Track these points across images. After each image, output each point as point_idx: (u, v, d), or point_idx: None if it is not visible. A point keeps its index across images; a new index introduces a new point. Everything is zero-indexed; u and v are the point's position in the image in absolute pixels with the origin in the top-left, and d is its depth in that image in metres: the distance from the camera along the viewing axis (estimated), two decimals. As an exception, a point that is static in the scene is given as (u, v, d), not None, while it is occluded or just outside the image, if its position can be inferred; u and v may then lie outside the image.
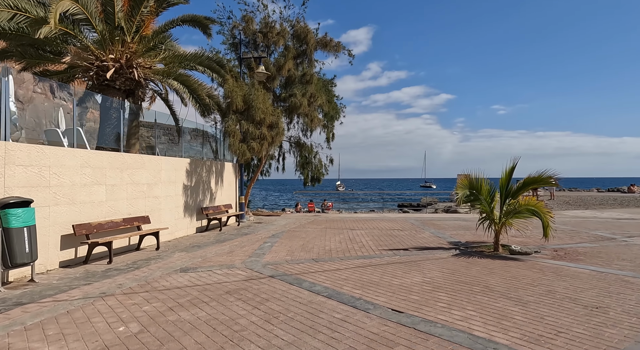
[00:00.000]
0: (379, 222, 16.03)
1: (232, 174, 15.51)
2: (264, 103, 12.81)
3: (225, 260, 8.09)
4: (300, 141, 21.87)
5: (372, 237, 11.65)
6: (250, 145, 11.94)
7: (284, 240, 10.96)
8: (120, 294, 5.71)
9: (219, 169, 14.23)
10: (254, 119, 12.40)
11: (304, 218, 17.71)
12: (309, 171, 22.25)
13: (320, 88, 19.06)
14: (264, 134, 12.25)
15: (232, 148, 11.67)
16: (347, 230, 13.35)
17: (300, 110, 16.30)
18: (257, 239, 11.20)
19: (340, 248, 9.66)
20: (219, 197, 14.13)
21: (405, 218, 17.84)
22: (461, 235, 12.01)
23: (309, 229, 13.50)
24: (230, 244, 10.20)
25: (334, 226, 14.43)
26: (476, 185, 9.67)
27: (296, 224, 15.33)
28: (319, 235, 11.89)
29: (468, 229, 13.58)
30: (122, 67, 12.49)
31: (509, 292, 5.78)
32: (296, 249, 9.54)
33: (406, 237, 11.70)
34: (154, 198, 10.16)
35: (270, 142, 12.48)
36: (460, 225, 14.99)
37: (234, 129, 11.80)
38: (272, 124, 12.76)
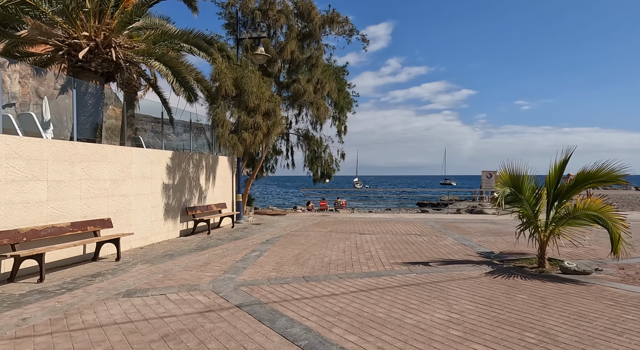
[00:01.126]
0: (394, 224, 14.08)
1: (227, 169, 13.81)
2: (258, 87, 11.01)
3: (191, 278, 6.34)
4: (309, 134, 20.07)
5: (384, 244, 9.74)
6: (241, 137, 10.17)
7: (278, 247, 9.17)
8: (9, 338, 4.00)
9: (211, 163, 12.53)
10: (247, 106, 10.63)
11: (310, 218, 15.91)
12: (319, 167, 20.41)
13: (330, 75, 17.16)
14: (258, 123, 10.47)
15: (220, 140, 9.93)
16: (356, 234, 11.46)
17: (304, 97, 14.45)
18: (246, 245, 9.44)
19: (342, 260, 7.79)
20: (210, 196, 12.45)
21: (424, 219, 15.81)
22: (492, 243, 9.97)
23: (311, 233, 11.68)
24: (210, 253, 8.46)
25: (341, 229, 12.56)
26: (517, 182, 7.65)
27: (299, 226, 13.53)
28: (321, 242, 10.06)
29: (499, 235, 11.49)
30: (98, 47, 10.90)
31: (582, 344, 3.81)
32: (287, 260, 7.73)
33: (425, 244, 9.75)
34: (120, 197, 8.50)
35: (265, 132, 10.69)
36: (488, 229, 12.89)
37: (222, 117, 10.07)
38: (268, 111, 10.97)
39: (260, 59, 13.26)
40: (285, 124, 20.75)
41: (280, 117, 11.03)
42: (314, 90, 15.33)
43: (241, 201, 14.25)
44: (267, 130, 10.75)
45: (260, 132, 10.37)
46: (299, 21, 15.28)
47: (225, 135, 9.91)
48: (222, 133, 9.87)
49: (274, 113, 10.97)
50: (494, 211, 18.53)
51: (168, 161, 10.20)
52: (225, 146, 9.99)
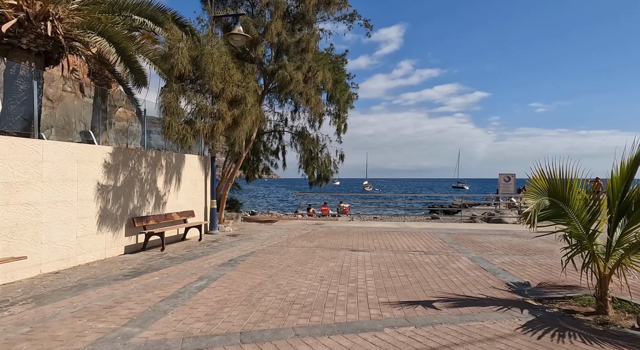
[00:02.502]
0: (397, 236, 11.78)
1: (198, 170, 11.67)
2: (225, 69, 8.86)
3: (67, 337, 4.16)
4: (303, 132, 17.88)
5: (378, 268, 7.47)
6: (195, 127, 7.99)
7: (237, 272, 6.97)
8: None
9: (174, 163, 10.41)
10: (210, 91, 8.49)
11: (300, 227, 13.69)
12: (315, 169, 18.19)
13: (326, 64, 14.95)
14: (220, 111, 8.30)
15: (168, 131, 7.80)
16: (346, 251, 9.21)
17: (291, 87, 12.25)
18: (197, 269, 7.26)
19: (313, 297, 5.56)
20: (172, 202, 10.32)
21: (434, 230, 13.46)
22: (520, 267, 7.63)
23: (292, 249, 9.46)
24: (141, 282, 6.30)
25: (330, 244, 10.31)
26: (561, 190, 5.35)
27: (283, 238, 11.32)
28: (298, 263, 7.84)
29: (527, 253, 9.12)
30: (30, 19, 8.91)
31: None
32: (237, 297, 5.52)
33: (432, 268, 7.45)
34: (22, 206, 6.39)
35: (229, 123, 8.50)
36: (512, 244, 10.51)
37: (173, 102, 7.93)
38: (236, 98, 8.81)
39: (238, 41, 11.10)
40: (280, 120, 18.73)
41: (252, 106, 8.83)
42: (304, 79, 13.12)
43: (216, 208, 12.09)
44: (233, 121, 8.57)
45: (221, 123, 8.18)
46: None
47: (175, 124, 7.76)
48: (169, 122, 7.71)
49: (244, 101, 8.79)
50: (515, 220, 16.07)
51: (107, 159, 8.09)
52: (172, 138, 7.85)
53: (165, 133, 7.85)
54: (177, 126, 7.84)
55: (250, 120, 8.90)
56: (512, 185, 21.51)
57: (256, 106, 9.01)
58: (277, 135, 18.71)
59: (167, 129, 7.80)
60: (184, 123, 8.08)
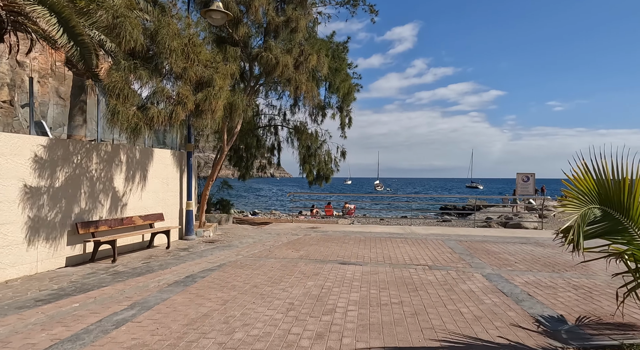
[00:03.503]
0: (400, 244, 10.16)
1: (171, 167, 10.22)
2: (191, 46, 7.36)
3: None
4: (301, 127, 16.35)
5: (368, 290, 5.88)
6: (148, 114, 6.48)
7: (183, 297, 5.47)
8: None
9: (139, 158, 8.98)
10: (170, 70, 7.00)
11: (292, 232, 12.16)
12: (313, 166, 16.65)
13: (321, 48, 13.39)
14: (181, 95, 6.80)
15: (115, 119, 6.30)
16: (335, 264, 7.64)
17: (277, 72, 10.71)
18: (138, 290, 5.78)
19: (266, 342, 4.01)
20: (134, 204, 8.89)
21: (443, 237, 11.79)
22: (549, 289, 5.95)
23: (270, 261, 7.94)
24: (50, 312, 4.85)
25: (319, 254, 8.76)
26: (617, 195, 3.72)
27: (267, 245, 9.81)
28: (269, 282, 6.31)
29: (556, 269, 7.42)
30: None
31: None
32: (157, 342, 4.00)
33: (436, 291, 5.83)
34: None
35: (191, 109, 6.98)
36: (535, 256, 8.81)
37: (120, 83, 6.44)
38: (202, 80, 7.31)
39: (217, 19, 9.62)
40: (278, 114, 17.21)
41: (220, 89, 7.30)
42: (294, 64, 11.58)
43: (192, 210, 10.63)
44: (196, 107, 7.06)
45: (180, 109, 6.68)
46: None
47: (123, 111, 6.28)
48: (114, 107, 6.23)
49: (211, 83, 7.28)
50: (537, 225, 14.26)
51: (39, 152, 6.66)
52: (122, 129, 6.38)
53: (111, 121, 6.37)
54: (126, 113, 6.36)
55: (218, 107, 7.37)
56: (532, 185, 19.65)
57: (225, 90, 7.47)
58: (273, 130, 17.23)
59: (113, 116, 6.32)
60: (136, 109, 6.59)
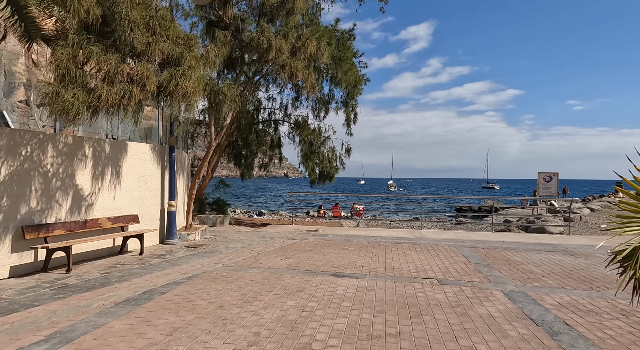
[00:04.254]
0: (407, 250, 8.92)
1: (149, 162, 9.17)
2: (159, 19, 6.26)
3: None
4: (302, 122, 15.21)
5: (360, 314, 4.68)
6: (95, 94, 5.34)
7: (123, 322, 4.35)
8: None
9: (108, 152, 7.94)
10: (130, 47, 5.90)
11: (288, 235, 11.02)
12: (316, 165, 15.49)
13: (324, 36, 12.23)
14: (140, 73, 5.68)
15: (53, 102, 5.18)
16: (327, 277, 6.46)
17: (270, 56, 9.57)
18: (73, 312, 4.70)
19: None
20: (105, 204, 7.85)
21: (457, 242, 10.50)
22: (591, 316, 4.65)
23: (251, 272, 6.80)
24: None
25: (310, 263, 7.59)
26: None
27: (255, 251, 8.69)
28: (240, 301, 5.16)
29: (593, 285, 6.09)
30: None
31: None
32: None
33: (446, 315, 4.60)
34: None
35: (153, 91, 5.83)
36: (565, 267, 7.46)
37: (66, 62, 5.35)
38: (170, 59, 6.20)
39: (202, -1, 8.58)
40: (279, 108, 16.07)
41: (189, 68, 6.17)
42: (291, 49, 10.44)
43: (174, 211, 9.57)
44: (160, 87, 5.94)
45: (137, 89, 5.55)
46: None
47: (64, 94, 5.16)
48: (53, 91, 5.10)
49: (178, 61, 6.17)
50: (562, 229, 12.81)
51: (-26, 144, 5.64)
52: (57, 113, 5.27)
53: (49, 105, 5.29)
54: (66, 95, 5.28)
55: (190, 89, 6.24)
56: (555, 185, 18.11)
57: (198, 70, 6.33)
58: (273, 125, 16.12)
59: (52, 99, 5.24)
60: (83, 91, 5.51)
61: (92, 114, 5.61)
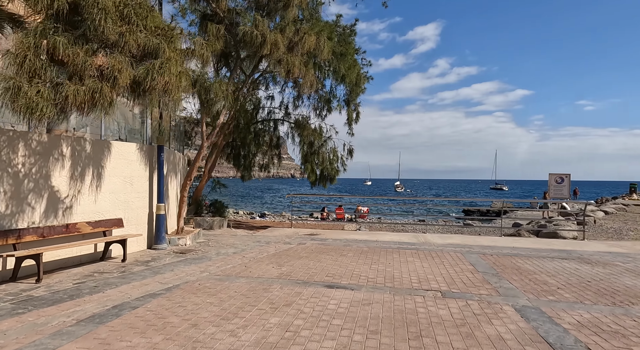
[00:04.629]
0: (410, 257, 8.32)
1: (136, 163, 8.68)
2: (136, 8, 5.75)
3: None
4: (303, 121, 14.67)
5: (350, 335, 4.10)
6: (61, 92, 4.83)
7: (79, 346, 3.83)
8: None
9: (89, 152, 7.45)
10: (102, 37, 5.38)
11: (285, 240, 10.46)
12: (316, 166, 14.93)
13: (323, 31, 11.67)
14: (112, 67, 5.17)
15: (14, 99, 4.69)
16: (319, 288, 5.89)
17: (264, 51, 9.04)
18: (27, 331, 4.17)
19: None
20: (86, 207, 7.37)
21: (463, 248, 9.87)
22: (621, 342, 4.02)
23: (237, 282, 6.26)
24: None
25: (303, 272, 7.02)
26: None
27: (247, 257, 8.15)
28: (218, 318, 4.61)
29: (615, 298, 5.44)
30: None
31: None
32: None
33: (450, 336, 4.00)
34: None
35: (126, 86, 5.29)
36: (582, 277, 6.80)
37: (26, 53, 4.85)
38: (147, 51, 5.67)
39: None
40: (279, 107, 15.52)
41: (167, 61, 5.65)
42: (288, 44, 9.90)
43: (163, 214, 9.06)
44: (134, 83, 5.43)
45: (107, 86, 5.03)
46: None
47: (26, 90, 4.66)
48: (13, 86, 4.62)
49: (155, 54, 5.65)
50: (576, 233, 12.10)
51: None
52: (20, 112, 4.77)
53: (10, 102, 4.77)
54: (29, 91, 4.77)
55: (169, 83, 5.70)
56: (567, 187, 17.38)
57: (175, 63, 5.79)
58: (272, 125, 15.59)
59: (12, 96, 4.74)
60: (49, 88, 5.00)
61: (60, 113, 5.09)
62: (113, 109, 5.33)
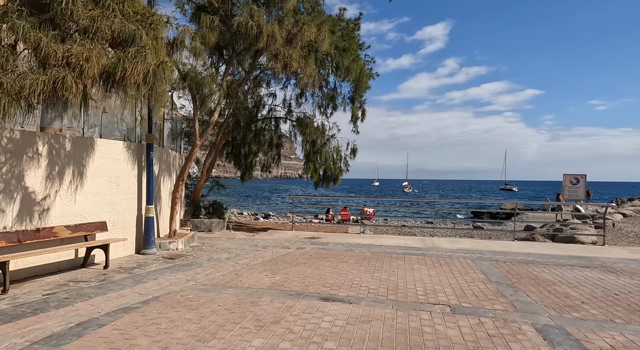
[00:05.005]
0: (416, 264, 7.67)
1: (123, 162, 8.14)
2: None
3: None
4: (305, 119, 14.08)
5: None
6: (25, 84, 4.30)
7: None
8: None
9: (69, 150, 6.93)
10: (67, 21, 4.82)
11: (283, 244, 9.87)
12: (319, 165, 14.31)
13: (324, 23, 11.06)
14: (79, 54, 4.61)
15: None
16: (315, 300, 5.27)
17: (261, 44, 8.45)
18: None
19: None
20: (65, 209, 6.85)
21: (474, 253, 9.19)
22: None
23: (227, 292, 5.67)
24: None
25: (298, 281, 6.41)
26: None
27: (239, 264, 7.57)
28: (196, 338, 4.02)
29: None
30: None
31: None
32: None
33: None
34: None
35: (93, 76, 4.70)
36: (607, 288, 6.09)
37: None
38: (122, 38, 5.11)
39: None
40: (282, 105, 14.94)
41: (144, 47, 5.07)
42: (287, 37, 9.31)
43: (153, 216, 8.51)
44: (105, 74, 4.85)
45: (70, 76, 4.46)
46: None
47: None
48: None
49: (131, 41, 5.07)
50: (595, 238, 11.33)
51: None
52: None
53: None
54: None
55: (149, 75, 5.14)
56: (582, 189, 16.56)
57: (154, 52, 5.21)
58: (274, 123, 15.01)
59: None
60: (11, 79, 4.46)
61: (29, 108, 4.55)
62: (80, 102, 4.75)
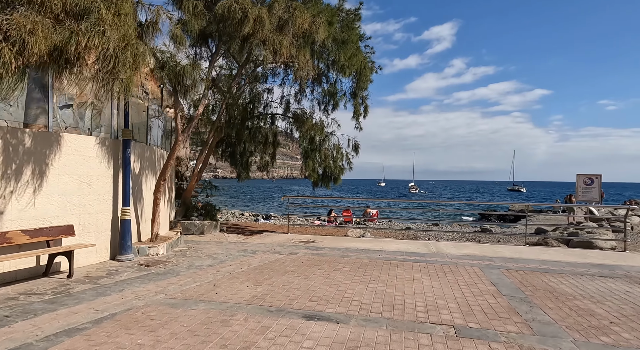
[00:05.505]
0: (418, 273, 6.87)
1: (96, 160, 7.43)
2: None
3: None
4: (302, 115, 13.33)
5: None
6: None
7: None
8: None
9: (30, 145, 6.24)
10: None
11: (275, 248, 9.11)
12: (318, 164, 13.55)
13: (321, 13, 10.31)
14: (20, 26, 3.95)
15: None
16: (296, 319, 4.50)
17: (246, 29, 7.71)
18: None
19: None
20: (20, 213, 6.14)
21: (482, 260, 8.36)
22: None
23: (197, 307, 4.92)
24: None
25: (282, 294, 5.64)
26: None
27: (221, 272, 6.83)
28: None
29: None
30: None
31: None
32: None
33: None
34: None
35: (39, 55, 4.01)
36: (637, 304, 5.27)
37: None
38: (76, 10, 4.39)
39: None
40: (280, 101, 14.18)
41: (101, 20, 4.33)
42: (277, 23, 8.56)
43: (129, 219, 7.79)
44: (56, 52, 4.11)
45: (8, 50, 3.74)
46: None
47: None
48: None
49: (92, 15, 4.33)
50: (614, 243, 10.43)
51: None
52: None
53: None
54: None
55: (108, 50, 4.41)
56: (597, 190, 15.63)
57: (114, 26, 4.49)
58: (270, 120, 14.27)
59: None
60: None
61: None
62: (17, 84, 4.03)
